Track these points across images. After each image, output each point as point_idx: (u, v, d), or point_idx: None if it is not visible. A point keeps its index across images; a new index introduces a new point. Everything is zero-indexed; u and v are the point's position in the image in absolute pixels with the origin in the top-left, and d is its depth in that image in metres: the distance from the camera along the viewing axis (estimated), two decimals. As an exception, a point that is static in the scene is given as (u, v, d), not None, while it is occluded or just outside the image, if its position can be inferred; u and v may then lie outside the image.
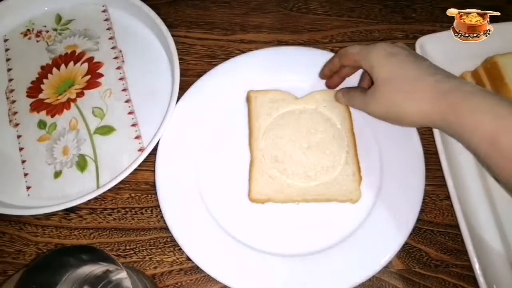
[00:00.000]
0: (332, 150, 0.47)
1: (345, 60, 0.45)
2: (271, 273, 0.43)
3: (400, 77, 0.39)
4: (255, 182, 0.46)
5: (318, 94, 0.50)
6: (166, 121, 0.48)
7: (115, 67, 0.55)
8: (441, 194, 0.47)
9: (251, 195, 0.45)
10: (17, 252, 0.47)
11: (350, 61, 0.44)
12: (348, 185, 0.45)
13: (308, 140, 0.47)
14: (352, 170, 0.46)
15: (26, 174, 0.51)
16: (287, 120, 0.48)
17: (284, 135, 0.48)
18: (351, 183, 0.45)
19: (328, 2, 0.59)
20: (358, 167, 0.46)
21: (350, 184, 0.45)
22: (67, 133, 0.52)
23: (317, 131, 0.48)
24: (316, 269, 0.43)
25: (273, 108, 0.49)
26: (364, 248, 0.43)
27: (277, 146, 0.47)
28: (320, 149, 0.47)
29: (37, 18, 0.59)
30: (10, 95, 0.55)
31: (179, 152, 0.48)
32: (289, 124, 0.48)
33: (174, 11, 0.59)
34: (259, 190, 0.45)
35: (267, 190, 0.45)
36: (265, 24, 0.57)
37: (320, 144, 0.47)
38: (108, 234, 0.48)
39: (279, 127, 0.48)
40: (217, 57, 0.55)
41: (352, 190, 0.45)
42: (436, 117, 0.37)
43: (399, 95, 0.39)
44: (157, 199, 0.46)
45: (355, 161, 0.46)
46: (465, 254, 0.42)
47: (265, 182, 0.46)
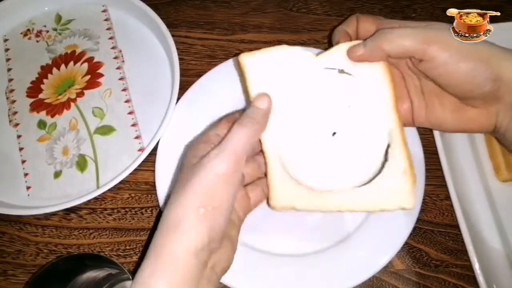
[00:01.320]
0: (372, 136, 0.34)
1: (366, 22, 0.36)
2: (271, 273, 0.43)
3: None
4: (273, 187, 0.36)
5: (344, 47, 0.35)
6: (166, 121, 0.48)
7: (115, 67, 0.55)
8: (441, 194, 0.47)
9: (271, 202, 0.36)
10: (17, 252, 0.47)
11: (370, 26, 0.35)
12: (397, 188, 0.34)
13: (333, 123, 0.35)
14: (402, 166, 0.34)
15: (26, 174, 0.51)
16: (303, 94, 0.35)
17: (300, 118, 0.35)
18: (401, 185, 0.34)
19: (328, 2, 0.59)
20: (410, 161, 0.35)
21: (400, 187, 0.34)
22: (67, 133, 0.52)
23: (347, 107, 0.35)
24: (316, 269, 0.43)
25: (280, 78, 0.36)
26: (364, 248, 0.43)
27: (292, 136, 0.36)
28: (354, 135, 0.35)
29: (37, 18, 0.59)
30: (10, 95, 0.55)
31: (179, 152, 0.48)
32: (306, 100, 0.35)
33: (174, 11, 0.59)
34: (279, 197, 0.36)
35: (289, 197, 0.36)
36: (265, 24, 0.57)
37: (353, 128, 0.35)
38: (108, 234, 0.48)
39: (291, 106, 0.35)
40: (217, 57, 0.55)
41: (404, 194, 0.34)
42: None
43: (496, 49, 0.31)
44: (157, 199, 0.46)
45: (405, 152, 0.34)
46: (465, 254, 0.42)
47: (285, 187, 0.36)
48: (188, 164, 0.32)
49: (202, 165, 0.30)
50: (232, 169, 0.30)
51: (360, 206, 0.35)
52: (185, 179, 0.30)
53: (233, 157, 0.30)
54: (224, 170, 0.29)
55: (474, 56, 0.31)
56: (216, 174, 0.29)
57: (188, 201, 0.28)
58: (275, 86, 0.35)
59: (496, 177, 0.46)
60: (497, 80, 0.31)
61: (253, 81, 0.36)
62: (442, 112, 0.35)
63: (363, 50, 0.33)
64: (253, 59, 0.36)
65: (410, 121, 0.37)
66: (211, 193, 0.29)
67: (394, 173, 0.34)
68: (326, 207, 0.35)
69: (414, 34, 0.31)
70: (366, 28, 0.36)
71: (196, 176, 0.29)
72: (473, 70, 0.31)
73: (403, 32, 0.32)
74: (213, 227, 0.29)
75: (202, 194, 0.28)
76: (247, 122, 0.32)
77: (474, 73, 0.31)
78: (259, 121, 0.33)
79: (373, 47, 0.33)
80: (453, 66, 0.31)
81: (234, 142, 0.30)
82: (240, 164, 0.30)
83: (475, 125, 0.34)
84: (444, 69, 0.32)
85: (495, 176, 0.46)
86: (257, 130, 0.33)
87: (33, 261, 0.47)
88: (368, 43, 0.33)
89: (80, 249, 0.47)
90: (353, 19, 0.37)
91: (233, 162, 0.30)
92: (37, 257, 0.47)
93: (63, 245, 0.47)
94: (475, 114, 0.34)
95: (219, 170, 0.29)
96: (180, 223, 0.28)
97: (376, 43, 0.33)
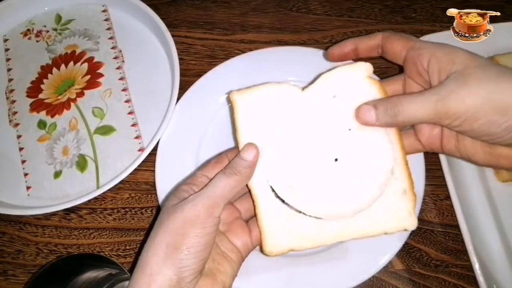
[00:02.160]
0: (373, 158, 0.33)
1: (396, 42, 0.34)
2: (271, 273, 0.43)
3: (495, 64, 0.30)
4: (266, 231, 0.34)
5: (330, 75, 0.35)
6: (166, 121, 0.48)
7: (115, 67, 0.55)
8: (441, 194, 0.47)
9: (265, 248, 0.34)
10: (17, 252, 0.47)
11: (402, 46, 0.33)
12: (398, 210, 0.34)
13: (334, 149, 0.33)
14: (402, 187, 0.34)
15: (26, 174, 0.51)
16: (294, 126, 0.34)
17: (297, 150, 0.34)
18: (402, 206, 0.34)
19: (328, 2, 0.59)
20: (411, 181, 0.34)
21: (401, 208, 0.34)
22: (67, 133, 0.52)
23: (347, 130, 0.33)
24: (316, 269, 0.43)
25: (270, 113, 0.35)
26: (364, 248, 0.43)
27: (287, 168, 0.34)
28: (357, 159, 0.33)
29: (37, 18, 0.59)
30: (10, 95, 0.55)
31: (179, 152, 0.48)
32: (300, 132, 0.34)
33: (174, 11, 0.59)
34: (275, 242, 0.34)
35: (286, 239, 0.34)
36: (265, 24, 0.57)
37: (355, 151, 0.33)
38: (108, 234, 0.48)
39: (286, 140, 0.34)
40: (217, 57, 0.55)
41: (405, 215, 0.34)
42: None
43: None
44: (157, 199, 0.46)
45: (406, 172, 0.34)
46: (465, 254, 0.42)
47: (281, 228, 0.34)
48: (168, 204, 0.33)
49: (176, 208, 0.31)
50: (203, 215, 0.30)
51: (361, 233, 0.34)
52: (160, 220, 0.31)
53: (207, 204, 0.31)
54: (194, 216, 0.30)
55: (488, 110, 0.29)
56: (184, 218, 0.30)
57: (158, 242, 0.30)
58: (265, 124, 0.35)
59: (496, 177, 0.46)
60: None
61: (242, 121, 0.35)
62: (473, 145, 0.33)
63: (375, 121, 0.32)
64: (243, 96, 0.36)
65: (439, 147, 0.35)
66: (179, 235, 0.30)
67: (395, 194, 0.34)
68: (326, 241, 0.34)
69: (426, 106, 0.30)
70: (395, 50, 0.34)
71: (169, 218, 0.30)
72: (488, 127, 0.30)
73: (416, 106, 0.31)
74: (183, 268, 0.29)
75: (171, 235, 0.29)
76: (230, 172, 0.33)
77: (490, 129, 0.30)
78: (243, 172, 0.33)
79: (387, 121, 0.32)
80: (467, 127, 0.30)
81: (212, 191, 0.31)
82: (215, 211, 0.31)
83: (506, 162, 0.33)
84: (459, 129, 0.31)
85: (495, 176, 0.46)
86: (240, 181, 0.33)
87: (33, 261, 0.47)
88: (381, 116, 0.32)
89: (80, 249, 0.47)
90: (377, 36, 0.35)
91: (206, 209, 0.30)
92: (37, 257, 0.47)
93: (63, 245, 0.47)
94: (507, 152, 0.32)
95: (187, 215, 0.30)
96: (148, 263, 0.29)
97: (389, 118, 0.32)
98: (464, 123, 0.30)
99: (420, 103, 0.31)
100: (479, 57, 0.31)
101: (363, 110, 0.33)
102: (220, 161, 0.36)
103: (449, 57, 0.31)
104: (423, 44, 0.33)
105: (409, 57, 0.33)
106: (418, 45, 0.33)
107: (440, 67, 0.31)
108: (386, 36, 0.35)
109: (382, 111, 0.32)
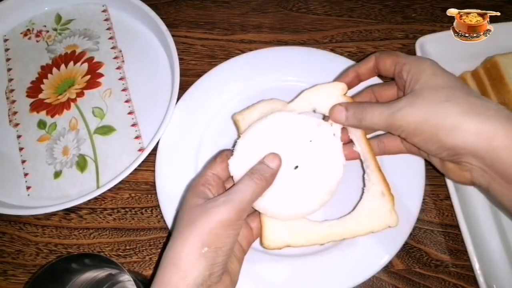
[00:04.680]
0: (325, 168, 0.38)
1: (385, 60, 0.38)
2: (271, 273, 0.43)
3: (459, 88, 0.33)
4: (267, 226, 0.38)
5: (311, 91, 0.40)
6: (166, 121, 0.48)
7: (115, 67, 0.55)
8: (441, 194, 0.47)
9: (264, 242, 0.38)
10: (17, 252, 0.47)
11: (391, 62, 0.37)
12: (379, 210, 0.38)
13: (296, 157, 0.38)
14: (379, 190, 0.38)
15: (26, 174, 0.51)
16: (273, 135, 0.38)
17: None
18: (382, 206, 0.38)
19: (328, 2, 0.59)
20: (386, 183, 0.38)
21: (381, 208, 0.38)
22: (67, 133, 0.52)
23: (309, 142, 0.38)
24: (316, 269, 0.43)
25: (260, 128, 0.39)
26: (364, 248, 0.43)
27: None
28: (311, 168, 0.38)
29: (37, 18, 0.59)
30: (10, 95, 0.55)
31: (179, 152, 0.48)
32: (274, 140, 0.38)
33: (174, 11, 0.59)
34: (273, 236, 0.37)
35: (284, 235, 0.38)
36: (265, 24, 0.57)
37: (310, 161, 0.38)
38: (108, 234, 0.48)
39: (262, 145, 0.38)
40: (217, 57, 0.55)
41: (386, 214, 0.37)
42: (499, 145, 0.30)
43: (456, 105, 0.31)
44: (157, 199, 0.46)
45: (380, 176, 0.38)
46: (465, 254, 0.42)
47: (281, 225, 0.38)
48: (192, 203, 0.35)
49: (208, 209, 0.33)
50: (235, 218, 0.33)
51: (350, 233, 0.38)
52: (191, 219, 0.33)
53: (238, 208, 0.33)
54: (228, 218, 0.33)
55: (425, 129, 0.32)
56: (219, 220, 0.32)
57: (193, 240, 0.32)
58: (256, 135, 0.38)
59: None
60: (450, 148, 0.32)
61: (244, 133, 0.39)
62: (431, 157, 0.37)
63: (344, 120, 0.37)
64: (243, 116, 0.41)
65: (417, 151, 0.38)
66: (214, 235, 0.32)
67: (374, 197, 0.38)
68: (319, 240, 0.38)
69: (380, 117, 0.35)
70: (386, 67, 0.38)
71: (202, 218, 0.33)
72: (425, 143, 0.33)
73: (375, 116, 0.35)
74: (214, 264, 0.32)
75: (205, 235, 0.32)
76: (257, 178, 0.35)
77: (427, 145, 0.33)
78: (268, 179, 0.36)
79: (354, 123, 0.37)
80: (411, 141, 0.34)
81: (241, 196, 0.34)
82: (243, 214, 0.34)
83: (455, 177, 0.35)
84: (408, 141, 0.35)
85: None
86: (264, 187, 0.35)
87: (33, 261, 0.47)
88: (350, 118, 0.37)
89: (80, 249, 0.47)
90: (371, 58, 0.39)
91: (237, 213, 0.33)
92: (37, 257, 0.47)
93: (63, 245, 0.47)
94: (451, 167, 0.35)
95: (222, 217, 0.32)
96: (182, 260, 0.32)
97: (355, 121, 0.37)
98: (408, 136, 0.34)
99: (377, 114, 0.35)
100: (443, 78, 0.33)
101: (336, 109, 0.38)
102: (225, 158, 0.38)
103: (417, 76, 0.34)
104: (406, 60, 0.36)
105: (395, 71, 0.36)
106: (403, 60, 0.36)
107: (410, 83, 0.35)
108: (377, 56, 0.38)
109: (351, 114, 0.37)
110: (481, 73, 0.48)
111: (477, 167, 0.32)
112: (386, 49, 0.55)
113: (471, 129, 0.30)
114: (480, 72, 0.48)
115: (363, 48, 0.55)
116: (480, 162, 0.31)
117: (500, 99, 0.46)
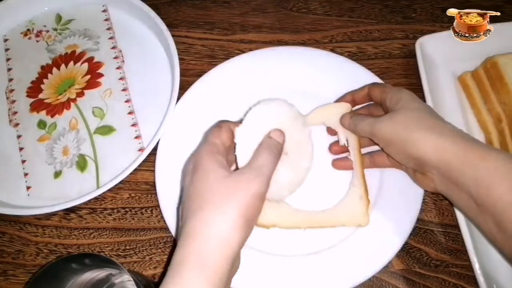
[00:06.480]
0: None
1: (375, 90, 0.45)
2: (271, 273, 0.43)
3: (427, 112, 0.39)
4: None
5: (322, 109, 0.47)
6: (166, 121, 0.48)
7: (115, 67, 0.55)
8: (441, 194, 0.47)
9: None
10: (17, 252, 0.47)
11: (379, 92, 0.44)
12: (355, 210, 0.43)
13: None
14: (359, 194, 0.44)
15: (26, 174, 0.51)
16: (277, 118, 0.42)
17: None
18: (358, 208, 0.43)
19: (328, 2, 0.59)
20: (366, 189, 0.44)
21: (357, 209, 0.43)
22: (67, 133, 0.52)
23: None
24: (316, 269, 0.43)
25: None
26: (364, 248, 0.43)
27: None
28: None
29: (37, 18, 0.59)
30: (10, 95, 0.55)
31: (179, 152, 0.48)
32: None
33: (174, 11, 0.59)
34: (264, 216, 0.41)
35: (273, 216, 0.42)
36: (265, 24, 0.57)
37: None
38: (108, 234, 0.48)
39: None
40: (217, 57, 0.55)
41: (360, 215, 0.43)
42: (451, 157, 0.35)
43: (421, 123, 0.38)
44: (157, 199, 0.46)
45: (362, 182, 0.44)
46: (465, 254, 0.42)
47: (270, 207, 0.42)
48: (219, 174, 0.35)
49: (243, 182, 0.35)
50: (265, 190, 0.36)
51: (326, 222, 0.43)
52: (225, 192, 0.34)
53: (265, 182, 0.36)
54: (262, 191, 0.35)
55: (395, 141, 0.38)
56: (254, 193, 0.34)
57: (232, 213, 0.33)
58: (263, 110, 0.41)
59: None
60: (416, 159, 0.38)
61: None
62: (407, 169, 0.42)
63: (347, 125, 0.45)
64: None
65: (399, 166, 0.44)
66: (250, 208, 0.34)
67: (353, 199, 0.44)
68: (301, 224, 0.43)
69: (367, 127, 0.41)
70: (375, 96, 0.44)
71: (240, 191, 0.34)
72: (397, 153, 0.40)
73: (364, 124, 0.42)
74: (247, 235, 0.34)
75: (244, 208, 0.33)
76: (274, 152, 0.38)
77: (398, 155, 0.40)
78: (280, 153, 0.39)
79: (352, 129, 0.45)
80: (387, 151, 0.41)
81: (268, 169, 0.36)
82: (267, 188, 0.36)
83: (423, 185, 0.40)
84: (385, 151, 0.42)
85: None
86: (278, 160, 0.39)
87: (33, 261, 0.47)
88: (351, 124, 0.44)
89: (80, 249, 0.47)
90: (365, 88, 0.46)
91: (266, 185, 0.36)
92: (37, 257, 0.47)
93: (63, 245, 0.47)
94: (420, 177, 0.40)
95: (257, 191, 0.34)
96: (221, 232, 0.32)
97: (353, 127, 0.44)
98: (385, 146, 0.40)
99: (366, 123, 0.42)
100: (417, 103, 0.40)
101: (344, 116, 0.45)
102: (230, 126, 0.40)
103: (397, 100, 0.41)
104: (390, 90, 0.43)
105: (381, 98, 0.43)
106: (387, 90, 0.43)
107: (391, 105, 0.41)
108: (370, 86, 0.45)
109: (352, 121, 0.44)
110: (481, 73, 0.48)
111: (437, 176, 0.37)
112: (386, 49, 0.55)
113: (430, 143, 0.36)
114: (480, 72, 0.48)
115: (363, 48, 0.55)
116: (438, 172, 0.36)
117: (500, 99, 0.46)
